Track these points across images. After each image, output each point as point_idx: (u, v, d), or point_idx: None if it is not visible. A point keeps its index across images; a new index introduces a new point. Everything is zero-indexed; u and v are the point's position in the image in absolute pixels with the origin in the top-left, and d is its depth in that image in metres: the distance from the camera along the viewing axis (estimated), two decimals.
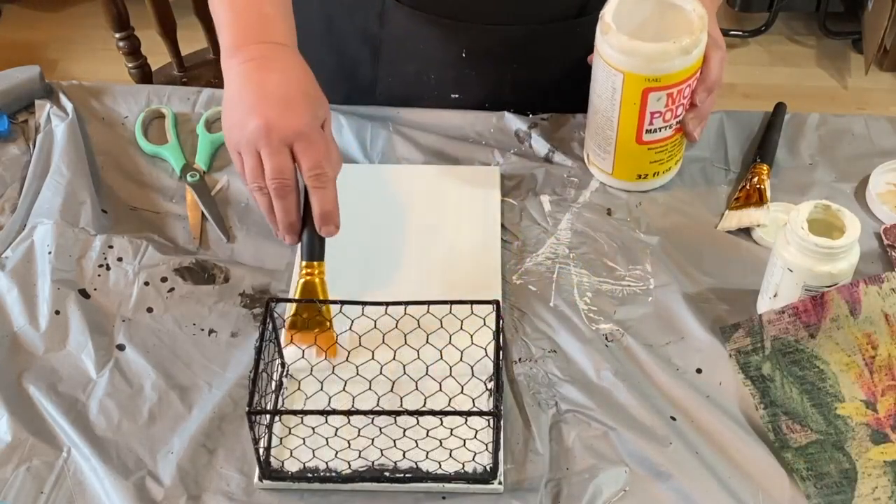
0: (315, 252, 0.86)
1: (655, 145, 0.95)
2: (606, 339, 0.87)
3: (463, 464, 0.76)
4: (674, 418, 0.81)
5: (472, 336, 0.81)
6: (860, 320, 0.81)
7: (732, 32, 2.53)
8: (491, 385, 0.81)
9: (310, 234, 0.85)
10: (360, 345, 0.80)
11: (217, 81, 1.63)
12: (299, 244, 0.86)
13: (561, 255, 0.94)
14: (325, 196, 0.83)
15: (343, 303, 0.81)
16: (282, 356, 0.83)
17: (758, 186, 0.98)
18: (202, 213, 0.98)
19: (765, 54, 2.56)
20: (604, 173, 1.00)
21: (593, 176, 1.01)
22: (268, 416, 0.79)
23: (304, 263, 0.86)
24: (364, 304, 0.81)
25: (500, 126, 1.06)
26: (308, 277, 0.85)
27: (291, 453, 0.77)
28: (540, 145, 1.04)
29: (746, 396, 0.83)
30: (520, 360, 0.86)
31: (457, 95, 1.10)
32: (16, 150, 1.04)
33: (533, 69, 1.07)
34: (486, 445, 0.77)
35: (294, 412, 0.76)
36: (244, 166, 0.83)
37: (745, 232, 0.96)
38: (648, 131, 0.93)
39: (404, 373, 0.80)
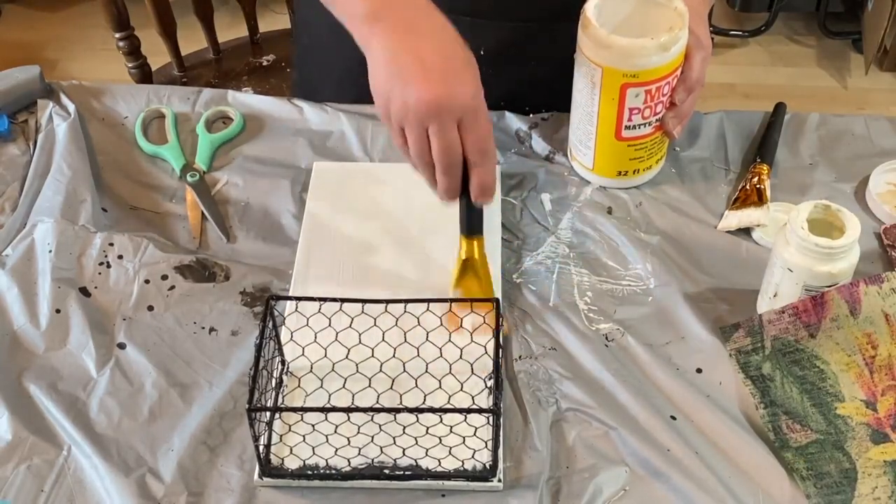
0: (475, 226, 0.86)
1: (635, 142, 0.95)
2: (606, 338, 0.87)
3: (462, 461, 0.76)
4: (674, 418, 0.81)
5: (471, 334, 0.81)
6: (860, 320, 0.81)
7: (732, 32, 2.53)
8: (491, 382, 0.81)
9: (468, 206, 0.85)
10: (359, 342, 0.80)
11: (217, 82, 1.63)
12: (459, 219, 0.87)
13: (561, 254, 0.94)
14: (487, 170, 0.83)
15: (343, 300, 0.81)
16: (282, 354, 0.84)
17: (758, 186, 0.98)
18: (202, 212, 0.98)
19: (765, 54, 2.56)
20: (584, 168, 1.00)
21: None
22: (268, 414, 0.79)
23: (464, 239, 0.86)
24: (364, 301, 0.81)
25: (500, 126, 1.06)
26: (468, 255, 0.86)
27: (291, 451, 0.77)
28: (540, 147, 1.04)
29: (746, 396, 0.83)
30: (520, 357, 0.86)
31: None
32: (16, 150, 1.04)
33: (552, 68, 1.06)
34: (486, 443, 0.77)
35: (294, 409, 0.76)
36: (408, 141, 0.82)
37: (745, 232, 0.96)
38: (627, 128, 0.94)
39: (404, 370, 0.80)
